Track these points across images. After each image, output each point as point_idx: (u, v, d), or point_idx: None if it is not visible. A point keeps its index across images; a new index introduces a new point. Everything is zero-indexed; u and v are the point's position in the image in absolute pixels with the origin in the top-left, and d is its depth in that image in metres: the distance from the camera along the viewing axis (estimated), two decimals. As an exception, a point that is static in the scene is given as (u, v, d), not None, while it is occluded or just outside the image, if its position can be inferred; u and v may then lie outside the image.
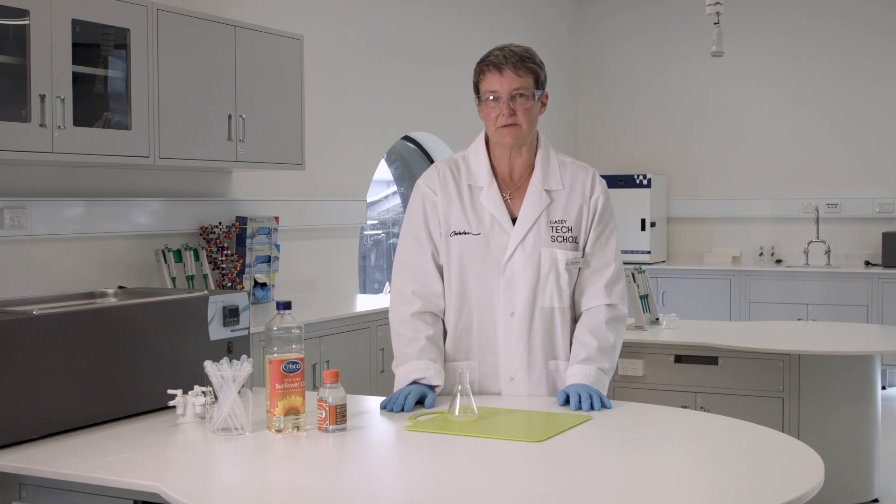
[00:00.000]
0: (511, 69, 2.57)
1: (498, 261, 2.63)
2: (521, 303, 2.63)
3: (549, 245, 2.63)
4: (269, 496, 1.95)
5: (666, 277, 7.49)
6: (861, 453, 4.27)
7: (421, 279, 2.68)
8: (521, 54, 2.60)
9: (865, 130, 7.51)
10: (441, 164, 2.74)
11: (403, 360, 2.63)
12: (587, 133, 8.44)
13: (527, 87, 2.59)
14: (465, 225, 2.65)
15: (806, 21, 7.64)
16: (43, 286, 3.77)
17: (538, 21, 7.83)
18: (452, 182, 2.69)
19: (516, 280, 2.63)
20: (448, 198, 2.68)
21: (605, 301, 2.67)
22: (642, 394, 4.23)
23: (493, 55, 2.61)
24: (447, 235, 2.66)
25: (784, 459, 2.10)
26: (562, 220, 2.66)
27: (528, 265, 2.63)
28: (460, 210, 2.66)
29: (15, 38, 3.36)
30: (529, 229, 2.63)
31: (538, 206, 2.65)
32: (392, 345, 2.70)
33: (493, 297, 2.64)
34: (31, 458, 2.18)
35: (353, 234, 5.81)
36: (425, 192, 2.71)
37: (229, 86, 4.21)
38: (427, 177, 2.73)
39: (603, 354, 2.62)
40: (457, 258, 2.66)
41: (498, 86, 2.58)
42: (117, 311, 2.58)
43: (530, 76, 2.59)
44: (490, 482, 1.97)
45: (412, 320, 2.65)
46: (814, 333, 4.82)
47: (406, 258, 2.71)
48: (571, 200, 2.67)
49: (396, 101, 6.10)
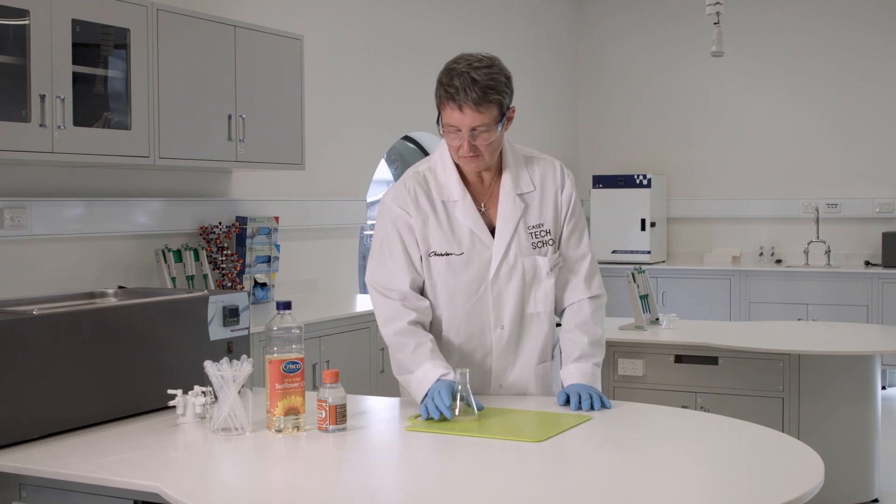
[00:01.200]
0: (471, 107, 2.41)
1: (483, 277, 2.60)
2: (509, 315, 2.62)
3: (531, 253, 2.61)
4: (269, 496, 1.95)
5: (666, 277, 7.49)
6: (861, 453, 4.27)
7: (408, 297, 2.58)
8: (484, 86, 2.41)
9: (865, 130, 7.51)
10: (409, 179, 2.61)
11: (416, 364, 2.51)
12: (587, 133, 8.43)
13: (489, 122, 2.45)
14: (445, 245, 2.58)
15: (806, 21, 7.64)
16: (43, 286, 3.77)
17: (538, 21, 7.83)
18: (425, 199, 2.59)
19: (503, 293, 2.61)
20: (423, 218, 2.58)
21: (587, 294, 2.67)
22: (642, 394, 4.23)
23: (453, 85, 2.43)
24: (426, 255, 2.59)
25: (784, 459, 2.10)
26: (539, 224, 2.63)
27: (514, 277, 2.61)
28: (438, 230, 2.58)
29: (15, 38, 3.36)
30: (510, 240, 2.59)
31: (514, 215, 2.60)
32: (395, 356, 2.58)
33: (482, 313, 2.62)
34: (31, 458, 2.18)
35: (353, 234, 5.81)
36: (398, 214, 2.59)
37: (229, 86, 4.21)
38: (396, 196, 2.61)
39: (594, 348, 2.63)
40: (440, 277, 2.60)
41: (458, 121, 2.45)
42: (117, 311, 2.58)
43: (493, 109, 2.44)
44: (490, 482, 1.97)
45: (411, 328, 2.55)
46: (814, 333, 4.82)
47: (388, 282, 2.59)
48: (545, 201, 2.64)
49: (396, 101, 6.10)
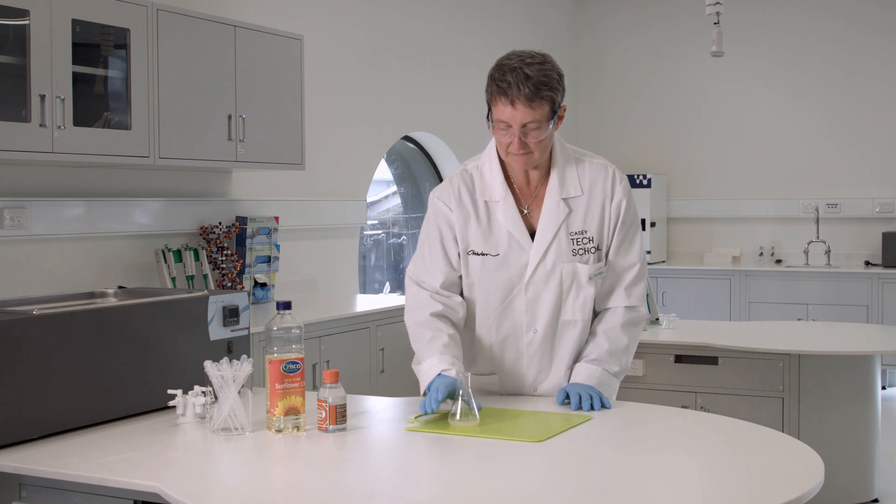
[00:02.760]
0: (524, 102, 2.38)
1: (519, 280, 2.56)
2: (543, 319, 2.58)
3: (570, 260, 2.55)
4: (269, 496, 1.95)
5: (666, 277, 7.49)
6: (861, 453, 4.27)
7: (439, 290, 2.59)
8: (537, 82, 2.38)
9: (866, 130, 7.51)
10: (455, 177, 2.61)
11: (427, 356, 2.51)
12: (587, 133, 8.43)
13: (540, 119, 2.41)
14: (482, 245, 2.56)
15: (806, 21, 7.64)
16: (43, 286, 3.77)
17: (538, 21, 7.83)
18: (468, 197, 2.58)
19: (539, 298, 2.57)
20: (465, 215, 2.57)
21: (624, 303, 2.61)
22: (642, 394, 4.23)
23: (505, 80, 2.39)
24: (465, 253, 2.58)
25: (784, 459, 2.10)
26: (582, 231, 2.56)
27: (551, 282, 2.56)
28: (477, 229, 2.56)
29: (15, 38, 3.36)
30: (549, 245, 2.54)
31: (557, 219, 2.54)
32: (412, 346, 2.58)
33: (516, 316, 2.59)
34: (31, 458, 2.18)
35: (353, 234, 5.81)
36: (440, 208, 2.60)
37: (229, 86, 4.21)
38: (442, 191, 2.62)
39: (612, 357, 2.59)
40: (476, 277, 2.58)
41: (509, 117, 2.41)
42: (117, 311, 2.58)
43: (545, 105, 2.40)
44: (490, 482, 1.97)
45: (432, 320, 2.54)
46: (814, 333, 4.82)
47: (420, 274, 2.61)
48: (591, 207, 2.57)
49: (396, 101, 6.10)
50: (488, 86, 2.46)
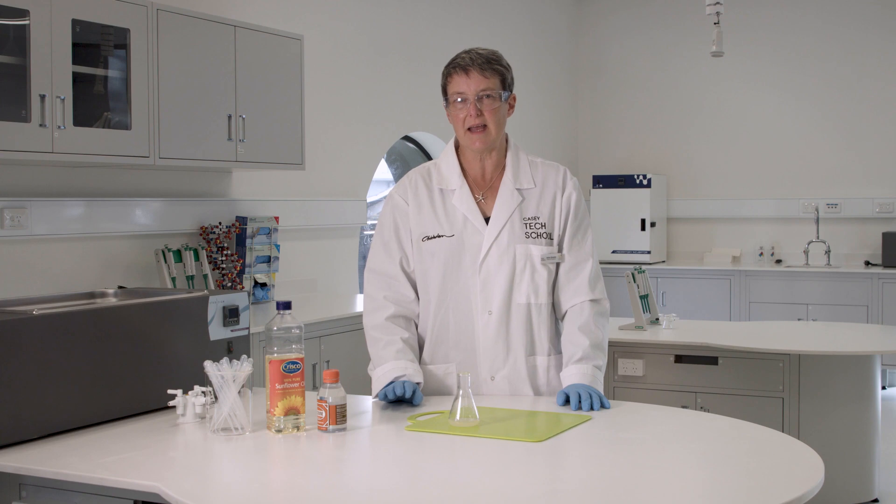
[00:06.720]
0: (478, 70, 2.61)
1: (473, 260, 2.65)
2: (497, 300, 2.64)
3: (524, 241, 2.65)
4: (269, 496, 1.95)
5: (666, 277, 7.49)
6: (861, 453, 4.27)
7: (392, 286, 2.71)
8: (488, 56, 2.64)
9: (866, 130, 7.51)
10: (413, 172, 2.78)
11: (380, 361, 2.65)
12: (587, 133, 8.43)
13: (493, 88, 2.62)
14: (437, 228, 2.67)
15: (806, 21, 7.64)
16: (43, 286, 3.77)
17: (538, 21, 7.83)
18: (424, 188, 2.73)
19: (492, 278, 2.64)
20: (419, 205, 2.71)
21: (589, 297, 2.68)
22: (642, 394, 4.23)
23: (459, 57, 2.66)
24: (419, 241, 2.68)
25: (784, 459, 2.10)
26: (535, 217, 2.68)
27: (504, 262, 2.64)
28: (432, 214, 2.69)
29: (15, 38, 3.36)
30: (503, 227, 2.65)
31: (511, 204, 2.67)
32: (368, 349, 2.72)
33: (470, 297, 2.66)
34: (31, 458, 2.18)
35: (353, 234, 5.82)
36: (396, 202, 2.74)
37: (229, 86, 4.21)
38: (399, 187, 2.77)
39: (596, 351, 2.64)
40: (432, 261, 2.67)
41: (465, 87, 2.62)
42: (117, 311, 2.58)
43: (496, 77, 2.63)
44: (490, 482, 1.97)
45: (386, 324, 2.68)
46: (814, 333, 4.82)
47: (376, 266, 2.74)
48: (544, 198, 2.70)
49: (396, 101, 6.10)
50: (444, 72, 2.69)
